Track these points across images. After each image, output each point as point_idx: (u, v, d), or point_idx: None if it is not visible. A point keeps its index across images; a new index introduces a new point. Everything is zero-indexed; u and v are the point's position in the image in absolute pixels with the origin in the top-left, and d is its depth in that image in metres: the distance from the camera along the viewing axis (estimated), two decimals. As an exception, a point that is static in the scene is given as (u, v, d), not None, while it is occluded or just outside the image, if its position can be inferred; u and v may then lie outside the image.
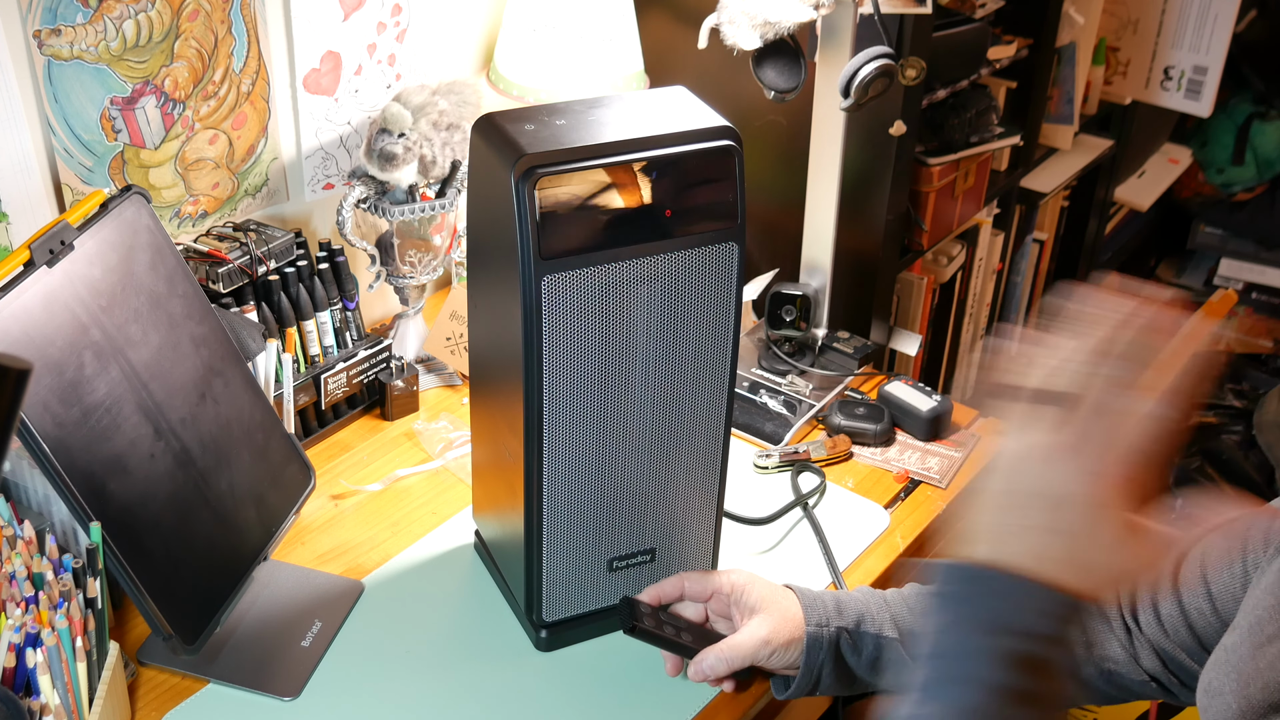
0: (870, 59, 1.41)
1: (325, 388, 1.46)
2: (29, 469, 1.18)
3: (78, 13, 1.26)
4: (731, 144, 1.05)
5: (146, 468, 1.09)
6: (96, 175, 1.35)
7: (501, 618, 1.23)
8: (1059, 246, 2.54)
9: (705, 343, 1.10)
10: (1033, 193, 2.25)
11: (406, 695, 1.14)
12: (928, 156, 1.81)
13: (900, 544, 1.36)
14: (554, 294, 1.01)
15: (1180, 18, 2.33)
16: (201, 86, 1.40)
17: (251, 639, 1.18)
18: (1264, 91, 2.96)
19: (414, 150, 1.44)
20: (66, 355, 1.04)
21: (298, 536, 1.33)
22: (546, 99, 1.59)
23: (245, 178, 1.50)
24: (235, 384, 1.23)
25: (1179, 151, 2.92)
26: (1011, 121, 2.00)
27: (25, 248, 1.03)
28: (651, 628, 1.08)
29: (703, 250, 1.06)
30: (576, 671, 1.18)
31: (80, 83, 1.29)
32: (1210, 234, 3.18)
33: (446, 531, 1.34)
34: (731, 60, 1.51)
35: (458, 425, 1.50)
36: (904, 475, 1.46)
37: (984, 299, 2.25)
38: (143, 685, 1.15)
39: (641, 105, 1.09)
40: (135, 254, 1.14)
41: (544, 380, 1.05)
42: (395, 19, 1.57)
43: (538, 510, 1.11)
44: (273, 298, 1.40)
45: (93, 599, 1.06)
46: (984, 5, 1.78)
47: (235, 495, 1.18)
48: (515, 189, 0.99)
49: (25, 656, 1.00)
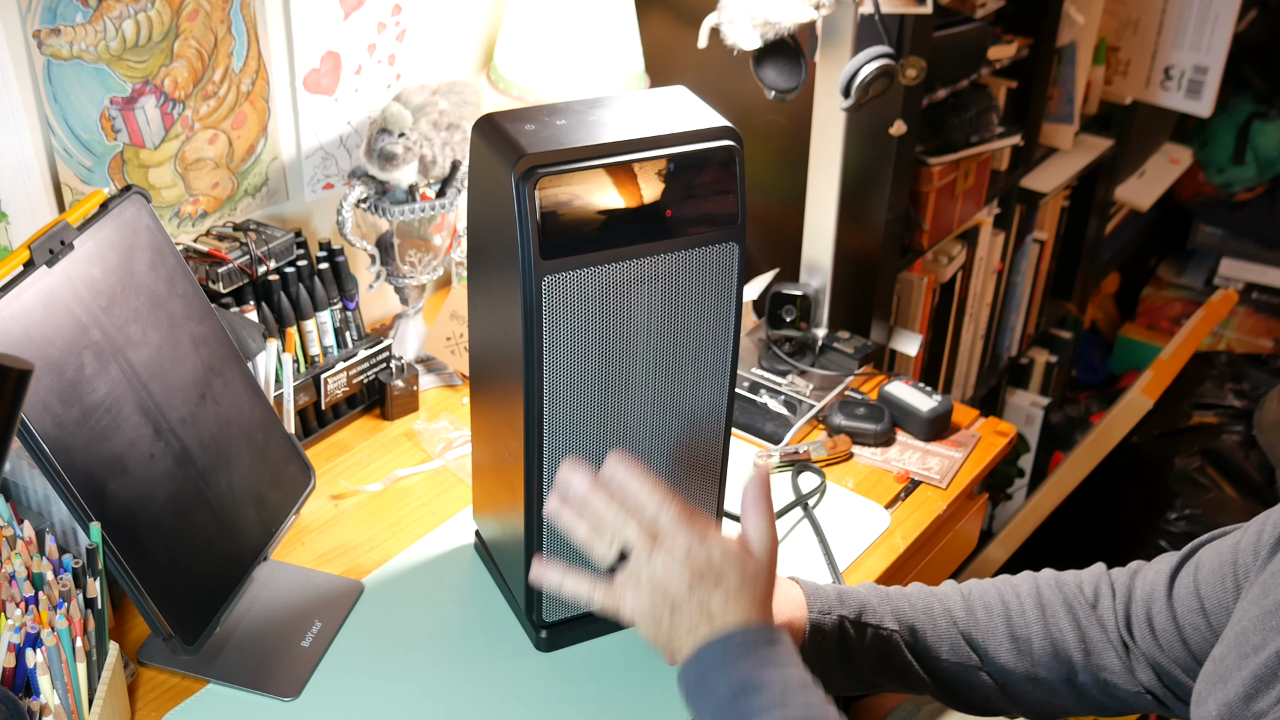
0: (870, 59, 1.41)
1: (325, 388, 1.46)
2: (29, 469, 1.18)
3: (77, 12, 1.25)
4: (732, 144, 1.05)
5: (146, 468, 1.09)
6: (96, 175, 1.35)
7: (501, 618, 1.23)
8: (1059, 246, 2.54)
9: (705, 343, 1.10)
10: (1033, 193, 2.25)
11: (406, 695, 1.14)
12: (928, 156, 1.81)
13: (900, 544, 1.36)
14: (554, 294, 1.01)
15: (1181, 17, 2.33)
16: (201, 86, 1.40)
17: (251, 639, 1.18)
18: (1264, 91, 2.96)
19: (414, 150, 1.44)
20: (66, 355, 1.04)
21: (298, 536, 1.33)
22: (546, 99, 1.59)
23: (245, 178, 1.50)
24: (235, 384, 1.23)
25: (1179, 151, 2.92)
26: (1012, 121, 2.00)
27: (25, 248, 1.03)
28: None
29: (703, 250, 1.05)
30: (576, 671, 1.18)
31: (80, 82, 1.29)
32: (1210, 234, 3.18)
33: (446, 531, 1.34)
34: (731, 60, 1.51)
35: (458, 425, 1.50)
36: (904, 475, 1.46)
37: (984, 299, 2.25)
38: (143, 685, 1.15)
39: (642, 105, 1.09)
40: (135, 254, 1.14)
41: (544, 380, 1.05)
42: (395, 19, 1.57)
43: (538, 510, 1.11)
44: (273, 298, 1.40)
45: (92, 599, 1.06)
46: (984, 5, 1.78)
47: (235, 495, 1.18)
48: (515, 189, 0.99)
49: (25, 657, 1.00)
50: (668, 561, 0.93)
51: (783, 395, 1.57)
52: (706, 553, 0.94)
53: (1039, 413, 2.65)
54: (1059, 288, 2.62)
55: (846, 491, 1.43)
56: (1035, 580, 1.09)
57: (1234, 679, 0.86)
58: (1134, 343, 3.11)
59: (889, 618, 1.07)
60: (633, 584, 0.94)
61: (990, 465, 1.51)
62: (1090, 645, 1.05)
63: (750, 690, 0.88)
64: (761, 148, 1.75)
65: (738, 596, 0.93)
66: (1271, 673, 0.83)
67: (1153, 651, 1.03)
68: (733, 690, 0.89)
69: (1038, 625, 1.06)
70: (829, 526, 1.36)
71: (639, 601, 0.94)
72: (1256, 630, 0.87)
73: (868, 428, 1.50)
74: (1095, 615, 1.06)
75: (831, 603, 1.07)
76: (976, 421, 1.56)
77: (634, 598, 0.94)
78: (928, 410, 1.51)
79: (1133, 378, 2.86)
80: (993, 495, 2.60)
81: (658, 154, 1.02)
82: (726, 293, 1.08)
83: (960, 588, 1.10)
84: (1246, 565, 0.96)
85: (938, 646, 1.07)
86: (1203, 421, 2.51)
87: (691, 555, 0.93)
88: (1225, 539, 1.01)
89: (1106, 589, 1.07)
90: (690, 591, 0.92)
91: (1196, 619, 0.99)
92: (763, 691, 0.88)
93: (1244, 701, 0.84)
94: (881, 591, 1.10)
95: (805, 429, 1.53)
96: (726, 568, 0.94)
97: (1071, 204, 2.51)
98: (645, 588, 0.93)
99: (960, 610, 1.08)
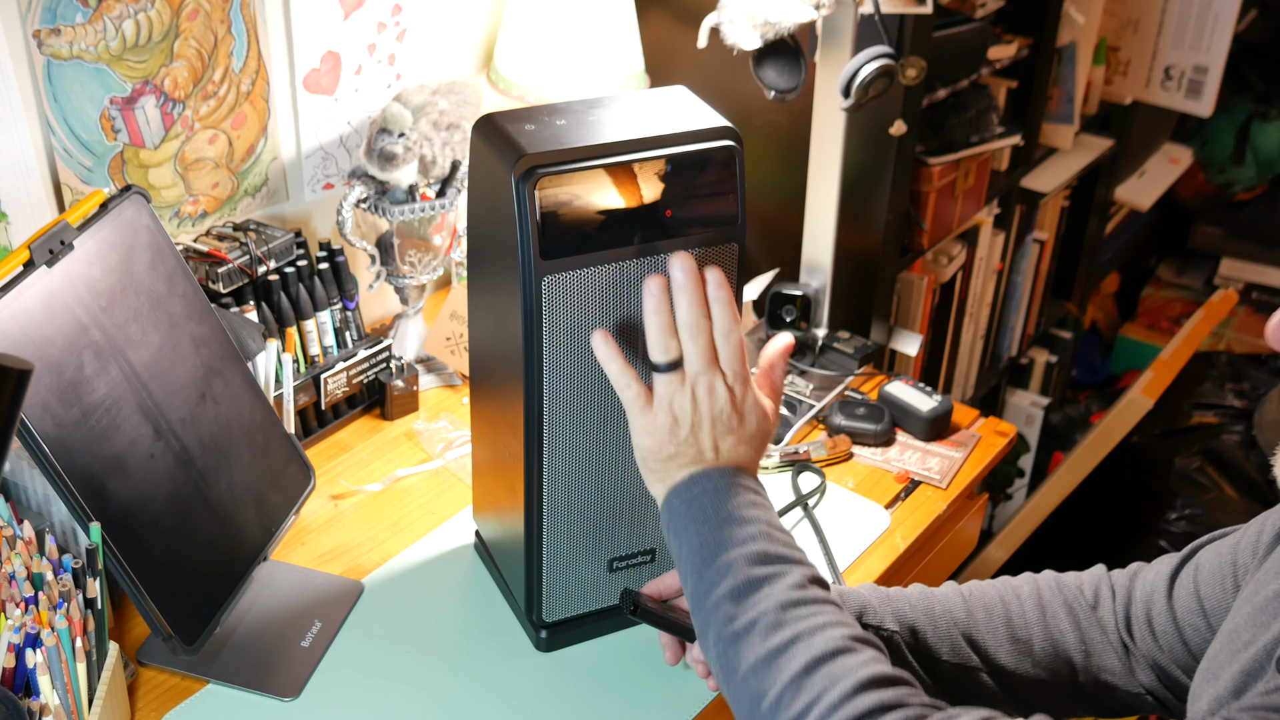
0: (871, 59, 1.41)
1: (325, 388, 1.46)
2: (29, 469, 1.18)
3: (77, 12, 1.25)
4: (732, 144, 1.05)
5: (146, 468, 1.09)
6: (96, 175, 1.35)
7: (501, 618, 1.23)
8: (1059, 246, 2.54)
9: (705, 343, 1.10)
10: (1033, 193, 2.25)
11: (406, 695, 1.14)
12: (928, 156, 1.81)
13: (900, 544, 1.36)
14: (554, 294, 1.01)
15: (1181, 17, 2.33)
16: (201, 86, 1.40)
17: (251, 639, 1.18)
18: (1264, 91, 2.96)
19: (414, 150, 1.44)
20: (66, 355, 1.04)
21: (298, 536, 1.33)
22: (546, 99, 1.59)
23: (245, 177, 1.50)
24: (235, 384, 1.23)
25: (1179, 151, 2.92)
26: (1012, 121, 2.00)
27: (25, 248, 1.03)
28: (655, 609, 1.07)
29: (703, 250, 1.05)
30: (576, 671, 1.18)
31: (80, 82, 1.29)
32: (1210, 234, 3.18)
33: (446, 531, 1.34)
34: (731, 60, 1.51)
35: (458, 425, 1.50)
36: (904, 475, 1.46)
37: (984, 299, 2.25)
38: (142, 685, 1.15)
39: (642, 105, 1.09)
40: (135, 254, 1.14)
41: (544, 380, 1.05)
42: (395, 19, 1.57)
43: (538, 510, 1.11)
44: (273, 298, 1.40)
45: (92, 599, 1.06)
46: (984, 5, 1.78)
47: (235, 495, 1.18)
48: (515, 189, 0.99)
49: (25, 657, 1.00)
50: (716, 385, 0.97)
51: (783, 395, 1.57)
52: (744, 394, 0.98)
53: (1039, 413, 2.65)
54: (1059, 288, 2.62)
55: (846, 491, 1.43)
56: (1036, 582, 1.09)
57: (1225, 674, 0.86)
58: (1134, 343, 3.11)
59: (889, 619, 1.07)
60: (674, 389, 0.97)
61: (990, 465, 1.51)
62: (1091, 647, 1.05)
63: (737, 521, 0.92)
64: (761, 148, 1.75)
65: (746, 444, 0.98)
66: (1259, 665, 0.83)
67: (1153, 652, 1.03)
68: (720, 519, 0.92)
69: (1038, 627, 1.06)
70: (829, 526, 1.36)
71: (670, 406, 0.97)
72: (1248, 626, 0.87)
73: (868, 428, 1.50)
74: (1096, 617, 1.06)
75: None
76: (976, 421, 1.56)
77: (666, 400, 0.97)
78: (928, 410, 1.51)
79: (1133, 378, 2.86)
80: (993, 495, 2.60)
81: (658, 154, 1.02)
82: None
83: (961, 589, 1.10)
84: (1246, 566, 0.96)
85: (938, 647, 1.07)
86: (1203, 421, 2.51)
87: (735, 390, 0.97)
88: (1225, 540, 1.01)
89: (1107, 590, 1.07)
90: (714, 420, 0.96)
91: (1196, 620, 0.99)
92: (749, 524, 0.92)
93: (1233, 696, 0.84)
94: (882, 593, 1.10)
95: (805, 429, 1.53)
96: (751, 416, 0.98)
97: (1071, 204, 2.51)
98: (684, 396, 0.96)
99: (961, 611, 1.08)
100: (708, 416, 0.96)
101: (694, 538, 0.93)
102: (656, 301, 0.97)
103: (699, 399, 0.96)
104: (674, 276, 0.97)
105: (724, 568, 0.90)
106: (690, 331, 0.97)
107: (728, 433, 0.97)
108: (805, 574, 0.90)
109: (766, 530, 0.92)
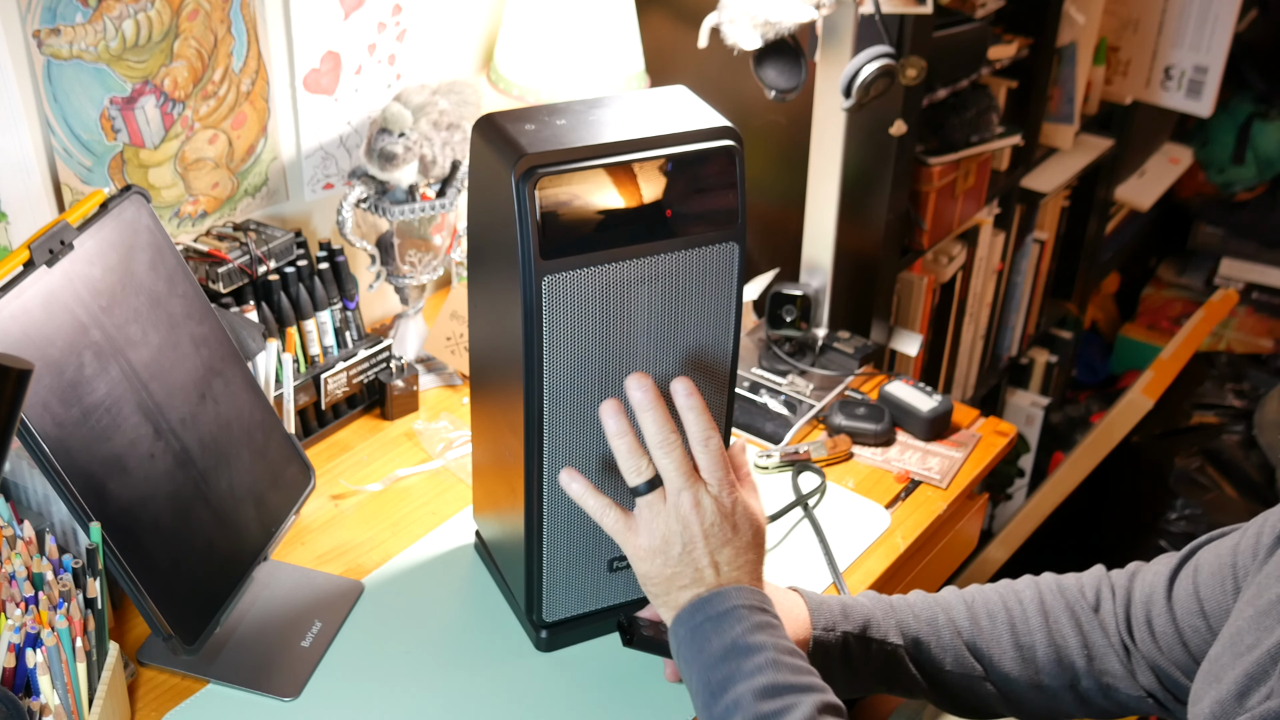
0: (871, 59, 1.41)
1: (325, 388, 1.45)
2: (29, 469, 1.18)
3: (77, 12, 1.25)
4: (732, 144, 1.05)
5: (146, 468, 1.09)
6: (96, 175, 1.35)
7: (501, 618, 1.23)
8: (1059, 246, 2.54)
9: (705, 342, 1.10)
10: (1033, 192, 2.25)
11: (406, 695, 1.14)
12: (928, 156, 1.81)
13: (901, 544, 1.36)
14: (554, 294, 1.01)
15: (1181, 17, 2.33)
16: (201, 86, 1.40)
17: (251, 639, 1.18)
18: (1265, 91, 2.96)
19: (414, 150, 1.44)
20: (66, 355, 1.04)
21: (298, 536, 1.33)
22: (546, 99, 1.59)
23: (245, 177, 1.50)
24: (235, 384, 1.23)
25: (1179, 151, 2.92)
26: (1012, 121, 2.00)
27: (25, 248, 1.03)
28: (651, 635, 1.07)
29: (703, 250, 1.05)
30: (576, 671, 1.18)
31: (80, 82, 1.29)
32: (1210, 234, 3.18)
33: (446, 531, 1.34)
34: (731, 60, 1.51)
35: (458, 425, 1.50)
36: (904, 475, 1.46)
37: (984, 299, 2.25)
38: (143, 685, 1.15)
39: (642, 105, 1.09)
40: (135, 254, 1.14)
41: (544, 380, 1.05)
42: (395, 19, 1.57)
43: (538, 510, 1.11)
44: (273, 297, 1.40)
45: (92, 599, 1.06)
46: (984, 5, 1.78)
47: (235, 495, 1.18)
48: (515, 189, 0.99)
49: (25, 657, 1.00)
50: (702, 498, 0.94)
51: (783, 395, 1.57)
52: (733, 503, 0.95)
53: (1039, 413, 2.65)
54: (1059, 288, 2.62)
55: (847, 491, 1.43)
56: (1037, 585, 1.09)
57: (1227, 677, 0.86)
58: (1134, 343, 3.11)
59: (893, 632, 1.07)
60: (656, 510, 0.94)
61: (990, 465, 1.51)
62: (1093, 650, 1.05)
63: (743, 652, 0.89)
64: (761, 148, 1.75)
65: (745, 553, 0.95)
66: (1263, 670, 0.83)
67: (1153, 654, 1.03)
68: (725, 649, 0.90)
69: (1041, 633, 1.05)
70: (829, 526, 1.36)
71: (655, 528, 0.94)
72: (1251, 629, 0.86)
73: (868, 428, 1.50)
74: (1097, 619, 1.06)
75: (835, 618, 1.07)
76: (977, 421, 1.56)
77: (651, 523, 0.94)
78: (928, 410, 1.51)
79: (1133, 378, 2.86)
80: (993, 495, 2.60)
81: (658, 154, 1.02)
82: (726, 293, 1.08)
83: (964, 595, 1.10)
84: (1245, 566, 0.96)
85: (942, 658, 1.06)
86: (1203, 421, 2.51)
87: (722, 500, 0.94)
88: (1224, 540, 1.01)
89: (1107, 592, 1.07)
90: (706, 535, 0.93)
91: (1196, 621, 0.99)
92: (756, 654, 0.89)
93: (1236, 699, 0.84)
94: (885, 603, 1.09)
95: (805, 429, 1.53)
96: (743, 524, 0.95)
97: (1072, 204, 2.51)
98: (669, 516, 0.94)
99: (964, 620, 1.07)
100: (699, 533, 0.93)
101: (701, 670, 0.91)
102: (616, 424, 0.95)
103: (685, 516, 0.93)
104: (632, 398, 0.95)
105: (732, 705, 0.88)
106: (661, 449, 0.94)
107: (723, 545, 0.94)
108: (815, 703, 0.87)
109: (774, 659, 0.89)
